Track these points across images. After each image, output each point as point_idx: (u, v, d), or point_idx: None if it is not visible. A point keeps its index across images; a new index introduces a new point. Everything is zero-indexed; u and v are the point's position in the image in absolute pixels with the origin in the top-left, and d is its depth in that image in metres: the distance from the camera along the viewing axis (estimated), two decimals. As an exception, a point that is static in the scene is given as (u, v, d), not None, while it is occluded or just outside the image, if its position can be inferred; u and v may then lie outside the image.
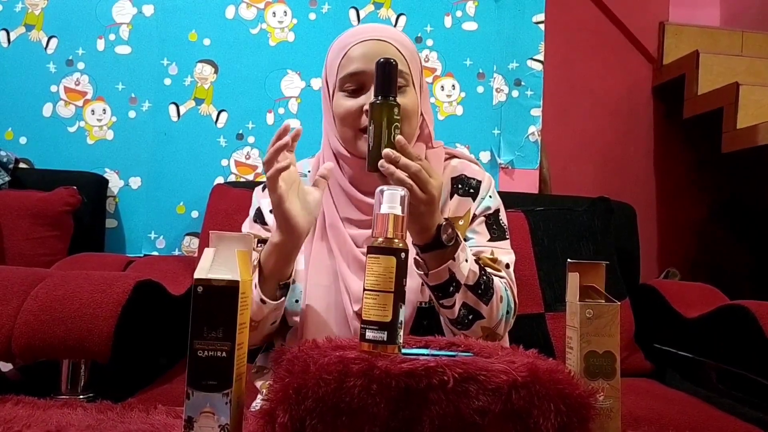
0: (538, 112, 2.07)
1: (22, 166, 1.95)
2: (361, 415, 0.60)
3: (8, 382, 1.39)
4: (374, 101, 0.91)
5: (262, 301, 0.97)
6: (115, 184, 1.99)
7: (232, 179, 2.00)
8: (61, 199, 1.78)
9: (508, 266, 1.08)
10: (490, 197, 1.12)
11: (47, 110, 2.01)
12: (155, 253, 1.98)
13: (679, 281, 2.42)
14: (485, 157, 2.06)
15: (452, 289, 0.95)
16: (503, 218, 1.13)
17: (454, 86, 2.06)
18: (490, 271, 1.03)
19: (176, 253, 1.99)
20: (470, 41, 2.07)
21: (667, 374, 1.64)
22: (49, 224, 1.75)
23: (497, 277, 1.03)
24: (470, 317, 0.98)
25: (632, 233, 1.88)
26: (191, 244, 1.98)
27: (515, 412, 0.61)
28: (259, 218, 1.13)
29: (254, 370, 1.12)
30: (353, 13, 2.05)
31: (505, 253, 1.09)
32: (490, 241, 1.09)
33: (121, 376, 1.31)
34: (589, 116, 2.82)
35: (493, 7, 2.07)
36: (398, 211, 0.71)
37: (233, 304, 0.65)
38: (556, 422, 0.61)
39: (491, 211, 1.11)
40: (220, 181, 1.98)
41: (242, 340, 0.67)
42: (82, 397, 1.17)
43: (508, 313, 1.04)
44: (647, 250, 2.34)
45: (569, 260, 0.78)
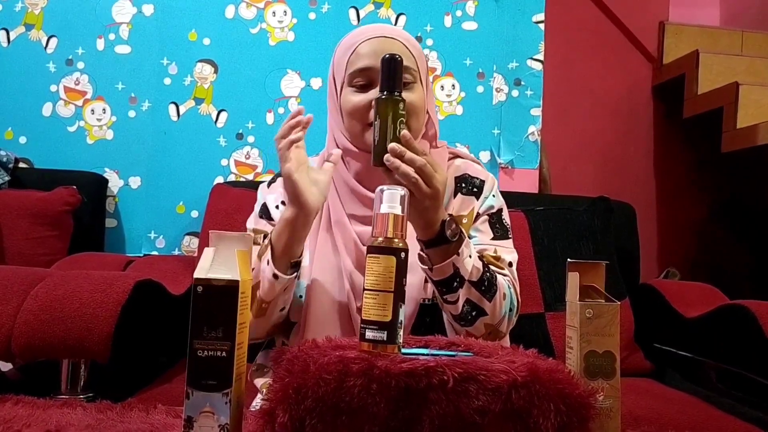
0: (538, 111, 2.07)
1: (21, 165, 1.95)
2: (360, 414, 0.60)
3: (8, 381, 1.39)
4: (379, 96, 0.92)
5: (274, 276, 0.96)
6: (114, 183, 1.99)
7: (231, 179, 2.00)
8: (60, 198, 1.78)
9: (511, 265, 1.08)
10: (493, 196, 1.13)
11: (47, 110, 2.01)
12: (155, 252, 1.98)
13: (678, 281, 2.42)
14: (485, 156, 2.06)
15: (456, 284, 0.96)
16: (506, 218, 1.13)
17: (453, 86, 2.06)
18: (493, 268, 1.03)
19: (176, 252, 1.99)
20: (470, 41, 2.07)
21: (666, 374, 1.64)
22: (48, 224, 1.75)
23: (500, 274, 1.04)
24: (473, 313, 0.99)
25: (632, 233, 1.88)
26: (191, 243, 1.98)
27: (515, 411, 0.61)
28: (264, 213, 1.13)
29: (254, 368, 1.12)
30: (353, 12, 2.05)
31: (508, 252, 1.10)
32: (493, 239, 1.09)
33: (120, 375, 1.31)
34: (589, 116, 2.82)
35: (493, 6, 2.07)
36: (398, 210, 0.71)
37: (233, 303, 0.65)
38: (556, 422, 0.61)
39: (494, 210, 1.12)
40: (219, 180, 1.98)
41: (242, 339, 0.67)
42: (81, 396, 1.17)
43: (510, 310, 1.04)
44: (647, 249, 2.35)
45: (569, 260, 0.78)
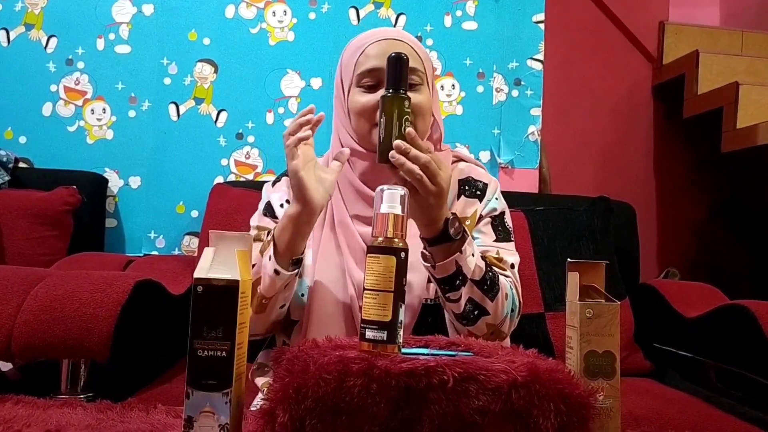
0: (538, 111, 2.07)
1: (21, 165, 1.95)
2: (360, 414, 0.60)
3: (8, 381, 1.39)
4: (385, 94, 0.92)
5: (276, 272, 0.97)
6: (114, 183, 1.99)
7: (231, 179, 2.00)
8: (60, 198, 1.78)
9: (513, 266, 1.09)
10: (496, 199, 1.14)
11: (47, 110, 2.00)
12: (155, 252, 1.98)
13: (678, 281, 2.42)
14: (485, 156, 2.06)
15: (459, 282, 0.96)
16: (508, 221, 1.15)
17: (453, 86, 2.06)
18: (495, 269, 1.04)
19: (176, 252, 1.99)
20: (470, 41, 2.07)
21: (666, 374, 1.64)
22: (48, 224, 1.75)
23: (503, 275, 1.04)
24: (475, 313, 0.99)
25: (632, 233, 1.88)
26: (191, 243, 1.98)
27: (515, 411, 0.61)
28: (269, 211, 1.14)
29: (255, 367, 1.12)
30: (353, 12, 2.05)
31: (510, 254, 1.11)
32: (495, 241, 1.11)
33: (120, 375, 1.31)
34: (589, 116, 2.82)
35: (493, 6, 2.07)
36: (398, 210, 0.71)
37: (233, 303, 0.65)
38: (555, 422, 0.61)
39: (497, 212, 1.13)
40: (219, 180, 1.98)
41: (242, 339, 0.67)
42: (81, 396, 1.17)
43: (512, 311, 1.05)
44: (647, 249, 2.35)
45: (569, 260, 0.78)
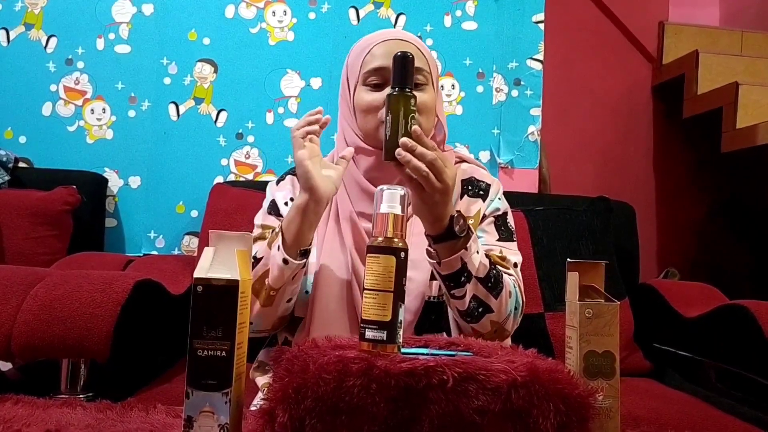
0: (537, 111, 2.07)
1: (21, 165, 1.95)
2: (360, 414, 0.60)
3: (8, 381, 1.39)
4: (391, 92, 0.93)
5: (284, 261, 0.98)
6: (114, 183, 1.99)
7: (231, 179, 2.00)
8: (60, 198, 1.78)
9: (516, 265, 1.11)
10: (499, 199, 1.15)
11: (47, 109, 2.00)
12: (155, 252, 1.98)
13: (678, 281, 2.42)
14: (485, 156, 2.06)
15: (464, 279, 0.97)
16: (511, 222, 1.16)
17: (453, 86, 2.06)
18: (499, 267, 1.05)
19: (176, 252, 1.99)
20: (470, 41, 2.07)
21: (666, 374, 1.64)
22: (48, 223, 1.75)
23: (506, 274, 1.05)
24: (480, 310, 1.00)
25: (632, 233, 1.88)
26: (191, 243, 1.98)
27: (515, 411, 0.61)
28: (273, 209, 1.15)
29: (256, 365, 1.13)
30: (353, 12, 2.05)
31: (513, 253, 1.12)
32: (498, 240, 1.12)
33: (120, 375, 1.31)
34: (588, 116, 2.82)
35: (492, 6, 2.07)
36: (398, 210, 0.71)
37: (233, 303, 0.65)
38: (555, 422, 0.61)
39: (500, 212, 1.14)
40: (219, 180, 1.97)
41: (242, 339, 0.67)
42: (81, 396, 1.17)
43: (516, 309, 1.06)
44: (647, 249, 2.35)
45: (569, 260, 0.78)
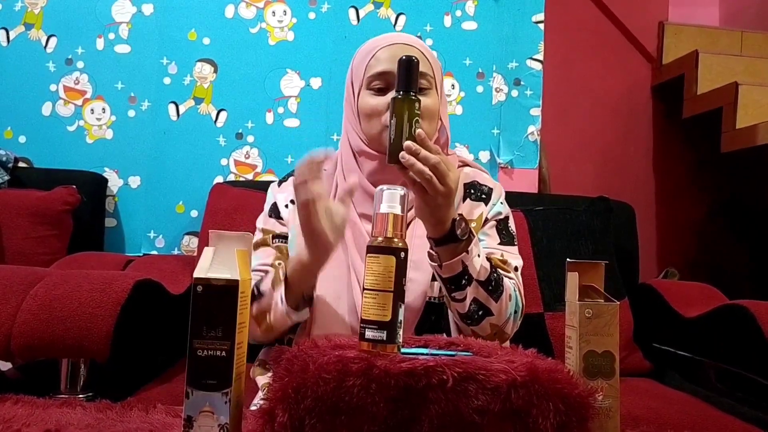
0: (537, 111, 2.07)
1: (21, 165, 1.95)
2: (360, 414, 0.60)
3: (7, 381, 1.39)
4: (395, 96, 0.93)
5: (287, 315, 1.00)
6: (114, 183, 1.99)
7: (231, 178, 2.00)
8: (60, 198, 1.78)
9: (516, 269, 1.11)
10: (501, 203, 1.16)
11: (46, 109, 2.00)
12: (154, 252, 1.98)
13: (678, 281, 2.42)
14: (484, 156, 2.06)
15: (464, 282, 0.97)
16: (512, 226, 1.16)
17: (453, 86, 2.06)
18: (500, 271, 1.05)
19: (175, 252, 1.99)
20: (470, 41, 2.07)
21: (666, 374, 1.64)
22: (48, 223, 1.75)
23: (507, 277, 1.06)
24: (480, 313, 1.00)
25: (631, 233, 1.88)
26: (190, 243, 1.98)
27: (514, 411, 0.61)
28: (274, 213, 1.15)
29: (257, 364, 1.13)
30: (353, 12, 2.05)
31: (513, 257, 1.12)
32: (500, 244, 1.12)
33: (120, 375, 1.31)
34: (588, 116, 2.82)
35: (492, 6, 2.07)
36: (398, 210, 0.71)
37: (233, 303, 0.65)
38: (555, 421, 0.61)
39: (502, 216, 1.15)
40: (219, 180, 1.97)
41: (242, 339, 0.67)
42: (81, 396, 1.17)
43: (516, 312, 1.06)
44: (646, 249, 2.34)
45: (568, 260, 0.78)
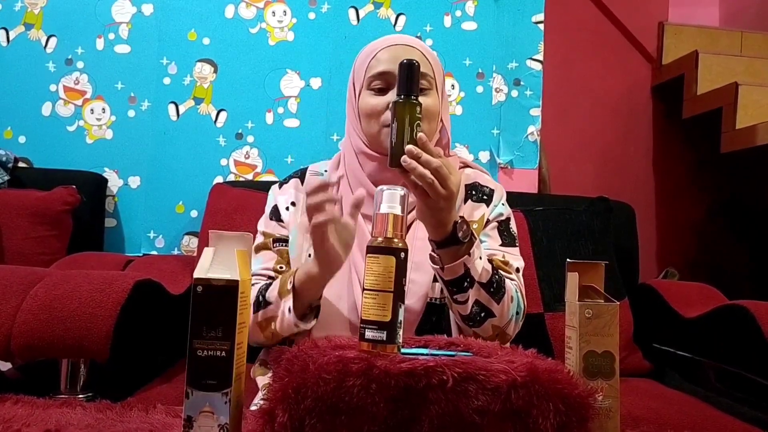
0: (537, 111, 2.07)
1: (21, 165, 1.95)
2: (360, 414, 0.60)
3: (7, 381, 1.38)
4: (397, 100, 0.94)
5: (295, 325, 1.01)
6: (114, 183, 1.99)
7: (231, 179, 2.00)
8: (60, 198, 1.78)
9: (518, 270, 1.11)
10: (503, 205, 1.16)
11: (46, 109, 2.00)
12: (154, 252, 1.98)
13: (678, 281, 2.42)
14: (484, 156, 2.06)
15: (466, 284, 0.98)
16: (513, 227, 1.16)
17: (453, 86, 2.06)
18: (501, 272, 1.05)
19: (175, 252, 1.99)
20: (469, 41, 2.07)
21: (666, 374, 1.64)
22: (48, 223, 1.75)
23: (508, 279, 1.06)
24: (482, 315, 1.01)
25: (631, 233, 1.88)
26: (190, 243, 1.98)
27: (514, 411, 0.61)
28: (275, 215, 1.15)
29: (257, 363, 1.13)
30: (353, 12, 2.05)
31: (515, 258, 1.13)
32: (501, 246, 1.13)
33: (120, 375, 1.31)
34: (588, 116, 2.82)
35: (492, 6, 2.07)
36: (398, 210, 0.71)
37: (233, 303, 0.65)
38: (555, 422, 0.61)
39: (503, 217, 1.15)
40: (219, 180, 1.97)
41: (242, 339, 0.67)
42: (81, 396, 1.17)
43: (517, 314, 1.07)
44: (646, 249, 2.35)
45: (568, 260, 0.78)
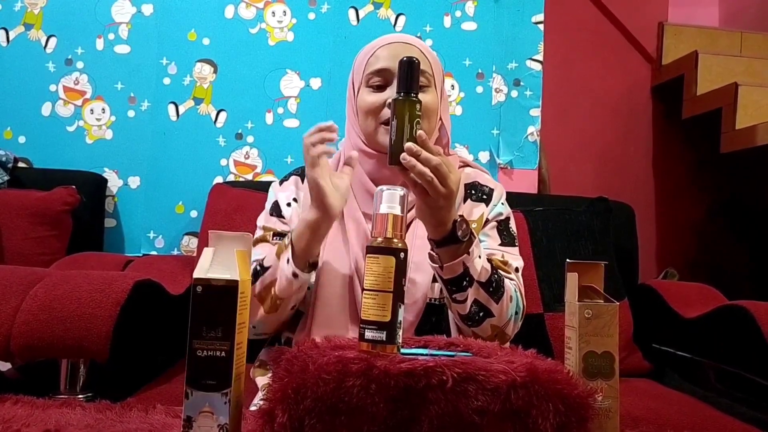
0: (537, 112, 2.07)
1: (21, 165, 1.95)
2: (359, 414, 0.60)
3: (7, 381, 1.38)
4: (396, 97, 0.94)
5: (294, 275, 1.00)
6: (114, 183, 1.99)
7: (231, 179, 2.00)
8: (60, 198, 1.78)
9: (517, 270, 1.11)
10: (502, 204, 1.16)
11: (46, 109, 2.00)
12: (154, 252, 1.98)
13: (677, 281, 2.42)
14: (484, 157, 2.06)
15: (465, 283, 0.98)
16: (513, 227, 1.16)
17: (453, 86, 2.06)
18: (501, 272, 1.05)
19: (175, 252, 1.99)
20: (469, 41, 2.07)
21: (665, 374, 1.64)
22: (48, 223, 1.75)
23: (508, 278, 1.06)
24: (481, 314, 1.00)
25: (631, 233, 1.88)
26: (190, 243, 1.98)
27: (514, 411, 0.61)
28: (275, 211, 1.16)
29: (257, 364, 1.13)
30: (352, 12, 2.05)
31: (514, 258, 1.12)
32: (500, 245, 1.12)
33: (120, 375, 1.31)
34: (588, 116, 2.83)
35: (492, 7, 2.07)
36: (397, 210, 0.71)
37: (232, 303, 0.65)
38: (554, 422, 0.61)
39: (503, 217, 1.15)
40: (219, 180, 1.97)
41: (241, 339, 0.67)
42: (80, 396, 1.17)
43: (516, 314, 1.06)
44: (646, 250, 2.35)
45: (568, 260, 0.78)
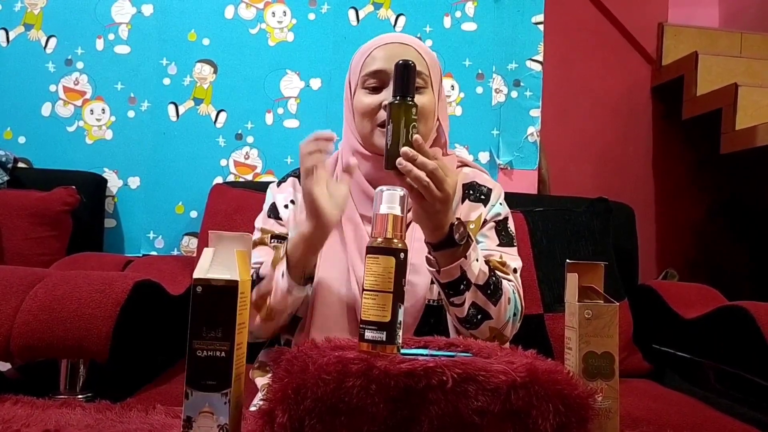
0: (537, 112, 2.07)
1: (20, 165, 1.95)
2: (359, 415, 0.60)
3: (7, 381, 1.39)
4: (392, 101, 0.93)
5: (288, 291, 0.99)
6: (113, 183, 1.99)
7: (231, 179, 2.00)
8: (59, 198, 1.78)
9: (515, 271, 1.11)
10: (500, 204, 1.15)
11: (46, 110, 2.00)
12: (154, 252, 1.98)
13: (677, 282, 2.42)
14: (484, 157, 2.06)
15: (463, 287, 0.97)
16: (511, 227, 1.16)
17: (453, 87, 2.06)
18: (499, 273, 1.05)
19: (175, 253, 1.99)
20: (469, 42, 2.07)
21: (665, 375, 1.64)
22: (47, 224, 1.75)
23: (505, 280, 1.05)
24: (479, 317, 1.00)
25: (631, 234, 1.88)
26: (190, 243, 1.98)
27: (514, 412, 0.61)
28: (273, 213, 1.15)
29: (256, 365, 1.13)
30: (352, 13, 2.05)
31: (512, 259, 1.12)
32: (499, 246, 1.12)
33: (119, 375, 1.31)
34: (588, 116, 2.83)
35: (492, 7, 2.07)
36: (397, 211, 0.71)
37: (232, 303, 0.65)
38: (554, 422, 0.61)
39: (501, 217, 1.14)
40: (219, 180, 1.97)
41: (241, 340, 0.67)
42: (80, 396, 1.17)
43: (515, 315, 1.06)
44: (646, 250, 2.35)
45: (568, 261, 0.78)
